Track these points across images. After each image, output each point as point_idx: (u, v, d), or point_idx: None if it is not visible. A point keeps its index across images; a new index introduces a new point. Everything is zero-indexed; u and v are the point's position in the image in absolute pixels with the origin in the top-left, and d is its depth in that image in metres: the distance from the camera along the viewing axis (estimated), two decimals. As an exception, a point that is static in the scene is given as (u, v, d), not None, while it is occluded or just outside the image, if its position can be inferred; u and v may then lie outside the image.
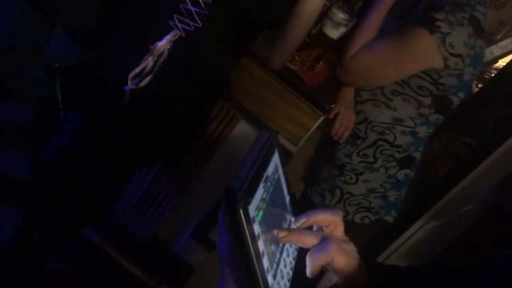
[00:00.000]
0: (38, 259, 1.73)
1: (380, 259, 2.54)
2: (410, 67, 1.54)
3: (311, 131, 1.59)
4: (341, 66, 1.57)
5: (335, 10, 1.48)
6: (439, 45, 1.45)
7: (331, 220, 0.62)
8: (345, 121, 1.59)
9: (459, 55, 1.47)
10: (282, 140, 1.70)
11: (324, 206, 1.71)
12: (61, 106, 1.95)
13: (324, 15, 1.50)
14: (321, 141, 1.62)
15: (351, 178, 1.68)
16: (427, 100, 1.56)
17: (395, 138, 1.62)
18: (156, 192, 2.10)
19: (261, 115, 1.63)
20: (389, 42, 1.56)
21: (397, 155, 1.64)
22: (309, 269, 0.58)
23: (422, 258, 2.56)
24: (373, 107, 1.60)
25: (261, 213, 0.54)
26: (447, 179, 2.62)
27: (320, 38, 1.54)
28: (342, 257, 0.58)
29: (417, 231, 2.55)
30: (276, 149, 0.62)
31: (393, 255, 2.59)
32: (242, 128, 1.88)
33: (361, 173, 1.67)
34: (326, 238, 0.59)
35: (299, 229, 0.61)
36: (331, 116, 1.60)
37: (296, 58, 1.58)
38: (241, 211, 0.48)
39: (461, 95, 1.59)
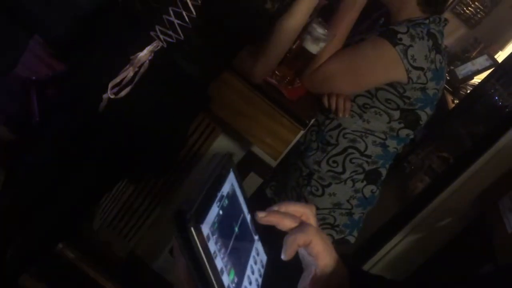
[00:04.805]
0: (10, 277, 1.68)
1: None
2: (372, 78, 1.56)
3: (291, 145, 1.59)
4: (304, 75, 1.60)
5: (314, 25, 1.50)
6: (402, 57, 1.47)
7: (302, 212, 0.62)
8: (339, 96, 1.58)
9: (421, 68, 1.49)
10: (262, 154, 1.70)
11: None
12: (37, 119, 1.92)
13: (304, 30, 1.51)
14: (292, 149, 1.62)
15: (317, 190, 1.68)
16: (396, 114, 1.58)
17: (366, 147, 1.63)
18: (134, 208, 2.07)
19: (241, 129, 1.62)
20: (350, 53, 1.59)
21: (366, 166, 1.65)
22: (285, 249, 0.57)
23: (401, 273, 2.57)
24: (347, 116, 1.61)
25: (217, 231, 0.53)
26: (425, 193, 2.65)
27: (300, 53, 1.55)
28: (320, 240, 0.59)
29: (396, 245, 2.57)
30: (231, 170, 0.62)
31: (372, 270, 2.59)
32: (222, 142, 1.87)
33: (328, 185, 1.67)
34: (304, 222, 0.60)
35: (278, 212, 0.60)
36: (324, 102, 1.60)
37: (276, 72, 1.58)
38: (192, 229, 0.48)
39: (428, 110, 1.61)
